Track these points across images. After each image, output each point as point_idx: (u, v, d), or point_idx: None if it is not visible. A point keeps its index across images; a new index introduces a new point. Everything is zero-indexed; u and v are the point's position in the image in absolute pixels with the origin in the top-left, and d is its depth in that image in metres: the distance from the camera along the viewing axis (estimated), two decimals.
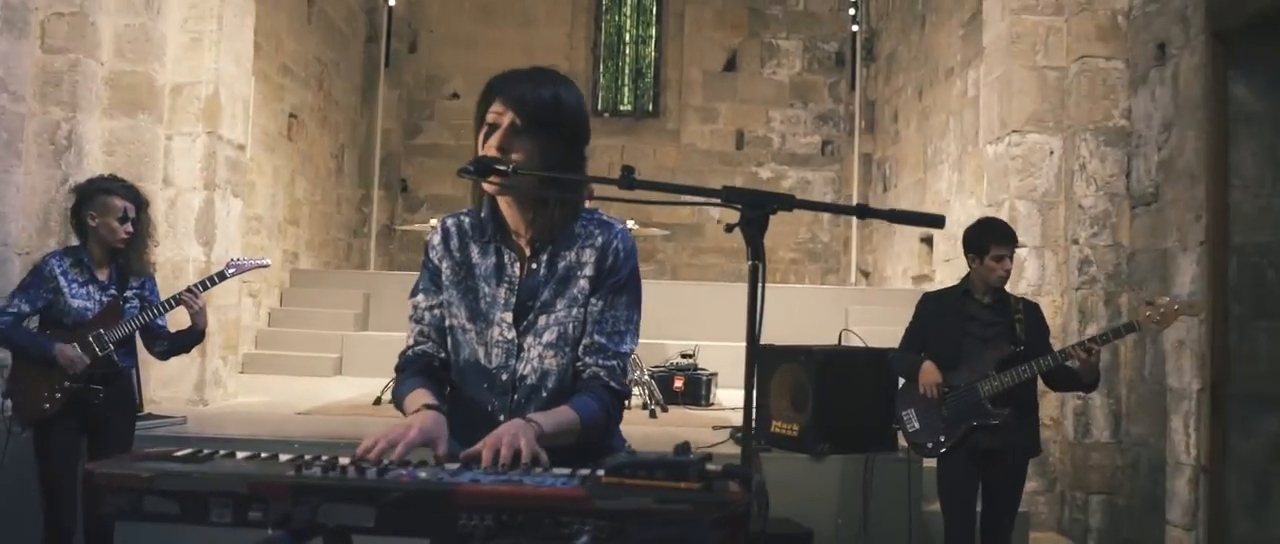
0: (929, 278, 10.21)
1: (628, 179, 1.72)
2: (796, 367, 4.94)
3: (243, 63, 6.88)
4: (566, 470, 1.72)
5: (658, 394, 6.55)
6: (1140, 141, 5.78)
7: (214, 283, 4.39)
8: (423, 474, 1.63)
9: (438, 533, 1.55)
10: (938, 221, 1.72)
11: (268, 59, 9.34)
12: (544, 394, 2.12)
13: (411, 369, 2.19)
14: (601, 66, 13.77)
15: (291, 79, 10.11)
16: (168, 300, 4.18)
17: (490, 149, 2.03)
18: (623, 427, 2.24)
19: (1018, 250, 6.04)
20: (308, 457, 1.71)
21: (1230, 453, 5.07)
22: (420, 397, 2.03)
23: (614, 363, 2.14)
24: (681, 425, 6.06)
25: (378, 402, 6.49)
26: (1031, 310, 4.37)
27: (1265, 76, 5.18)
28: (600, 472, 1.62)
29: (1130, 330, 4.14)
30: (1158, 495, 5.37)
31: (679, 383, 6.95)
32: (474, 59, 12.86)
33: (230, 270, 4.43)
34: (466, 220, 2.22)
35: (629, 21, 13.90)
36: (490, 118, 2.06)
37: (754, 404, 1.72)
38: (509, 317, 2.13)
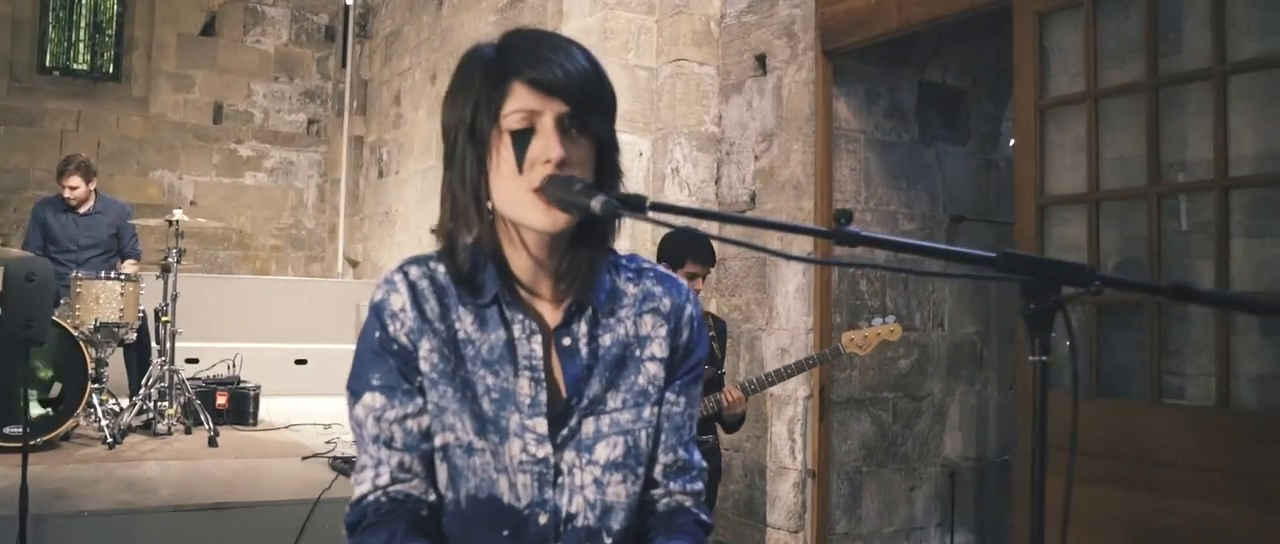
0: None
1: (845, 232, 1.12)
2: None
3: None
4: None
5: (206, 417, 5.48)
6: (732, 149, 5.82)
7: None
8: None
9: None
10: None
11: None
12: (607, 542, 1.42)
13: (387, 530, 1.37)
14: (51, 15, 11.57)
15: None
16: None
17: (546, 163, 1.31)
18: (166, 462, 1.55)
19: None
20: None
21: (830, 456, 5.27)
22: None
23: (700, 486, 1.50)
24: (256, 454, 5.11)
25: None
26: (721, 329, 4.13)
27: (862, 95, 5.43)
28: None
29: (836, 356, 4.06)
30: (755, 499, 5.45)
31: (222, 400, 5.90)
32: None
33: None
34: (440, 270, 1.43)
35: None
36: (517, 116, 1.33)
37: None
38: (541, 424, 1.38)
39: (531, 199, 1.32)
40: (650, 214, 1.23)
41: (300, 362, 8.11)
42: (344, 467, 4.51)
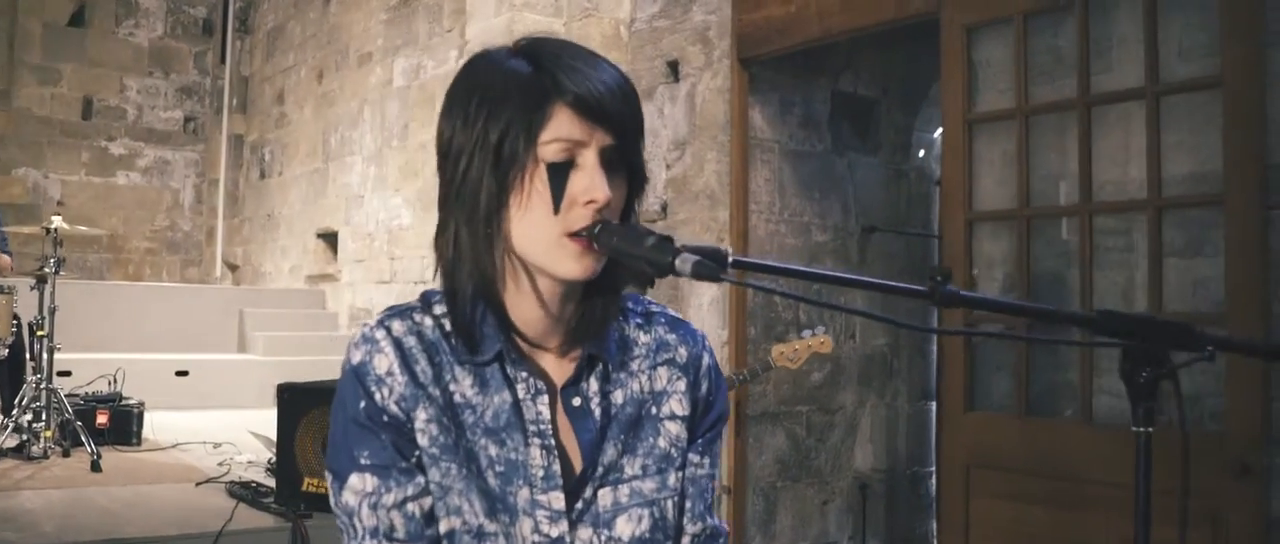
0: (334, 278, 9.44)
1: (945, 293, 0.98)
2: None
3: None
4: None
5: (86, 438, 5.11)
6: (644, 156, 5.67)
7: None
8: None
9: None
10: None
11: None
12: None
13: None
14: None
15: None
16: None
17: (587, 204, 1.14)
18: (45, 491, 1.37)
19: None
20: None
21: (746, 471, 5.18)
22: None
23: None
24: (145, 480, 4.77)
25: None
26: None
27: (777, 104, 5.35)
28: None
29: (766, 370, 3.95)
30: None
31: (103, 418, 5.51)
32: None
33: None
34: (427, 323, 1.23)
35: None
36: (557, 147, 1.14)
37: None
38: (557, 499, 1.20)
39: (564, 244, 1.16)
40: (738, 275, 1.05)
41: (181, 373, 7.70)
42: (243, 493, 4.23)
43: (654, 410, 1.28)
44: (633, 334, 1.31)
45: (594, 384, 1.26)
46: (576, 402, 1.24)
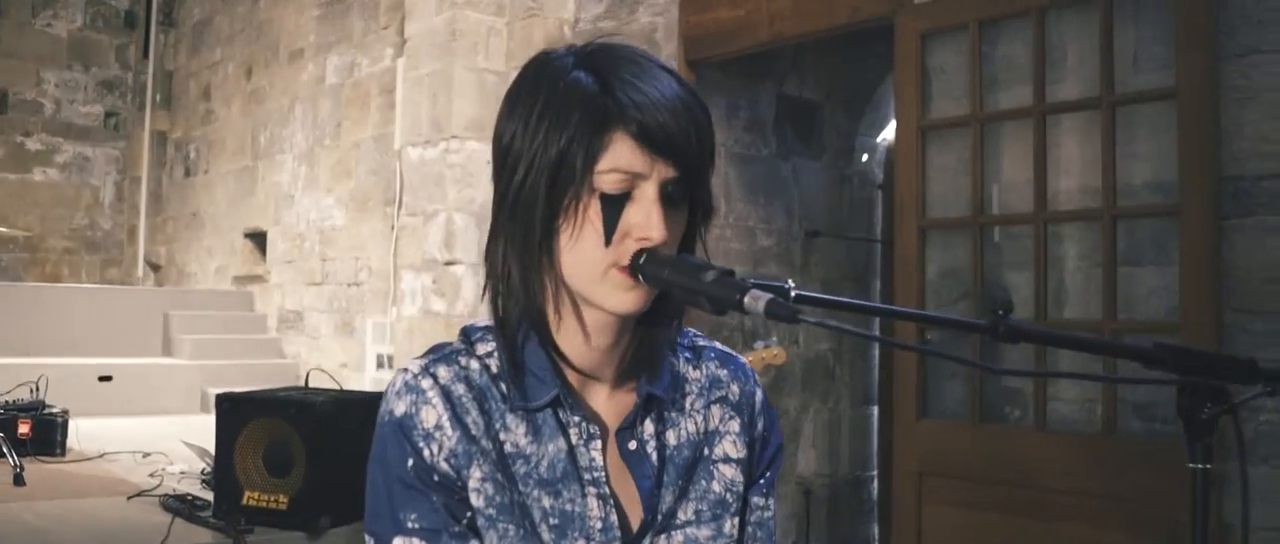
0: (262, 279, 9.22)
1: (1009, 326, 0.92)
2: (278, 422, 3.93)
3: None
4: None
5: (8, 450, 4.90)
6: None
7: None
8: None
9: None
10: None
11: None
12: None
13: None
14: None
15: None
16: None
17: (640, 239, 1.06)
18: None
19: (455, 267, 5.58)
20: None
21: None
22: None
23: None
24: (73, 494, 4.57)
25: None
26: None
27: (723, 108, 5.31)
28: None
29: None
30: None
31: (25, 428, 5.29)
32: None
33: None
34: (474, 366, 1.14)
35: None
36: (614, 178, 1.05)
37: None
38: None
39: (612, 275, 1.07)
40: (807, 318, 0.96)
41: (105, 378, 7.45)
42: (179, 507, 4.08)
43: (707, 452, 1.20)
44: (684, 370, 1.23)
45: (650, 426, 1.18)
46: (632, 445, 1.16)
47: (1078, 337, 0.97)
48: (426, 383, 1.11)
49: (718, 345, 1.28)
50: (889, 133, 6.01)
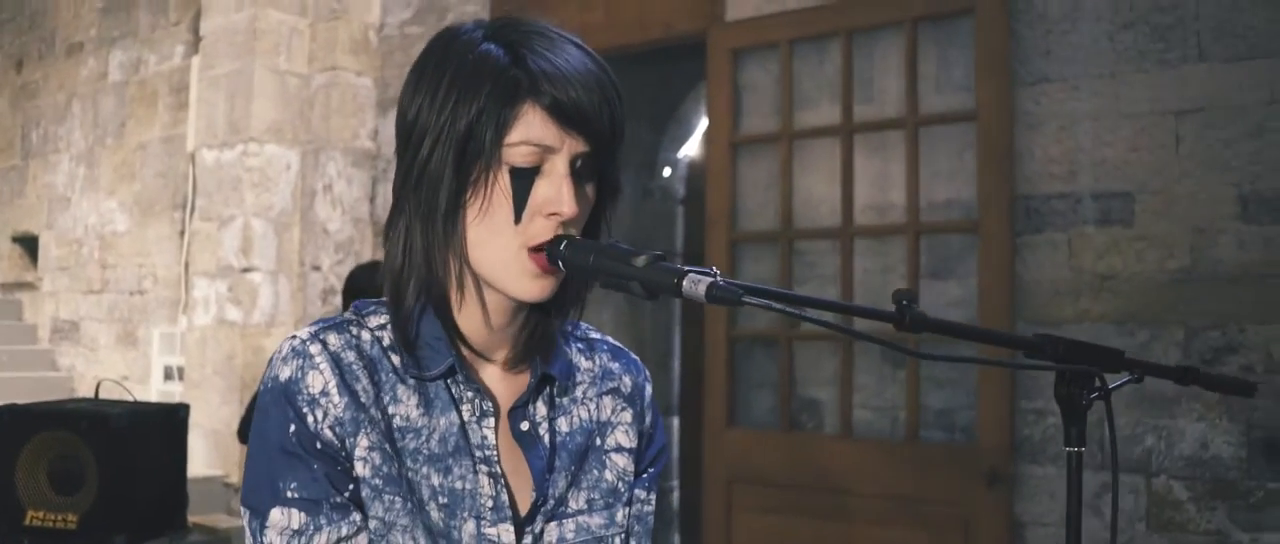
0: (34, 286, 8.62)
1: (913, 316, 0.93)
2: (67, 435, 3.66)
3: None
4: None
5: None
6: (390, 167, 5.50)
7: None
8: None
9: None
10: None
11: None
12: None
13: None
14: None
15: None
16: None
17: (549, 216, 1.04)
18: None
19: (252, 275, 5.37)
20: None
21: None
22: None
23: None
24: None
25: None
26: None
27: None
28: None
29: None
30: None
31: None
32: None
33: None
34: (365, 336, 1.11)
35: None
36: (525, 151, 1.03)
37: None
38: (507, 532, 1.09)
39: (523, 260, 1.05)
40: (750, 300, 0.94)
41: None
42: None
43: (599, 442, 1.20)
44: (577, 360, 1.22)
45: (543, 408, 1.16)
46: (525, 426, 1.14)
47: (974, 328, 1.01)
48: (315, 348, 1.07)
49: (610, 340, 1.28)
50: (691, 148, 6.14)
